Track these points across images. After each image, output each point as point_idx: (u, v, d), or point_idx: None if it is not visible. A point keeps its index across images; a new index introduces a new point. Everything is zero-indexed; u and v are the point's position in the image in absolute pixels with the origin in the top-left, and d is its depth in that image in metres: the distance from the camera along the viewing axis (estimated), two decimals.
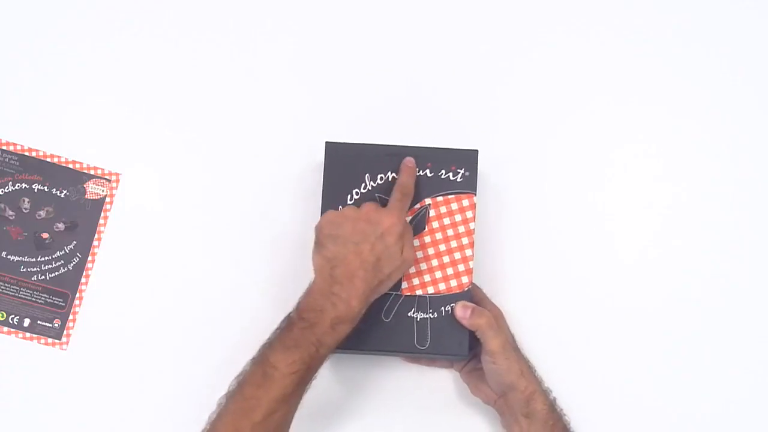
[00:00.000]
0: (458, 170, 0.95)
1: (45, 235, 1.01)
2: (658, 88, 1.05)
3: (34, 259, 1.01)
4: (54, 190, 1.02)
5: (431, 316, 0.93)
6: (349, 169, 0.95)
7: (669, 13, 1.06)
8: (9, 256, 1.01)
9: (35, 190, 1.01)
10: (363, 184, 0.95)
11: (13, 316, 1.00)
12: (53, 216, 1.01)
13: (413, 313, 0.93)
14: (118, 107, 1.03)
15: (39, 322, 1.00)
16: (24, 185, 1.01)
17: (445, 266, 0.94)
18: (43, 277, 1.01)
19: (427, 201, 0.95)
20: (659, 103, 1.05)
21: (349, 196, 0.94)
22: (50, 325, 1.00)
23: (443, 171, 0.95)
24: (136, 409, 1.00)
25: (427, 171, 0.95)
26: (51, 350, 1.00)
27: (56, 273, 1.01)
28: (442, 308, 0.93)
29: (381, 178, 0.95)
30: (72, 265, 1.01)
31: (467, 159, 0.95)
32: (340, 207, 0.93)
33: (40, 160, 1.02)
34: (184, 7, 1.04)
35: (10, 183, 1.01)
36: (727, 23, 1.06)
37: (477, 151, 0.95)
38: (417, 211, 0.94)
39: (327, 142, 0.95)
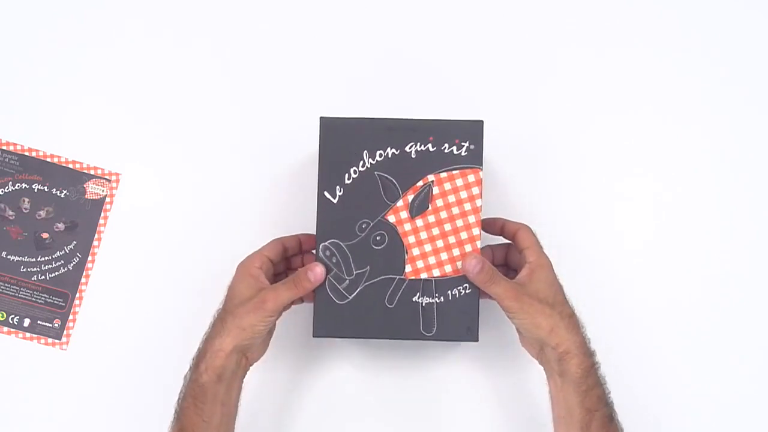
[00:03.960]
0: (462, 143, 0.88)
1: (45, 235, 1.00)
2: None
3: (34, 259, 0.99)
4: (54, 190, 1.00)
5: (437, 301, 0.88)
6: (346, 146, 0.89)
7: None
8: (9, 256, 0.99)
9: (35, 190, 1.00)
10: (361, 162, 0.89)
11: (13, 316, 0.99)
12: (53, 216, 1.00)
13: (418, 298, 0.88)
14: (118, 107, 1.02)
15: (39, 322, 0.98)
16: (24, 185, 1.00)
17: (451, 247, 0.88)
18: (43, 277, 0.99)
19: (431, 178, 0.89)
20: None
21: (347, 175, 0.89)
22: (50, 325, 0.98)
23: (446, 145, 0.88)
24: (136, 409, 0.97)
25: (429, 145, 0.89)
26: (51, 350, 0.98)
27: (56, 273, 0.99)
28: (449, 292, 0.87)
29: (380, 155, 0.89)
30: (72, 265, 0.99)
31: (472, 131, 0.88)
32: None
33: (40, 160, 1.01)
34: (181, 5, 1.03)
35: (10, 183, 1.00)
36: (741, 22, 1.02)
37: (482, 121, 0.89)
38: (420, 189, 0.89)
39: (321, 118, 0.90)
